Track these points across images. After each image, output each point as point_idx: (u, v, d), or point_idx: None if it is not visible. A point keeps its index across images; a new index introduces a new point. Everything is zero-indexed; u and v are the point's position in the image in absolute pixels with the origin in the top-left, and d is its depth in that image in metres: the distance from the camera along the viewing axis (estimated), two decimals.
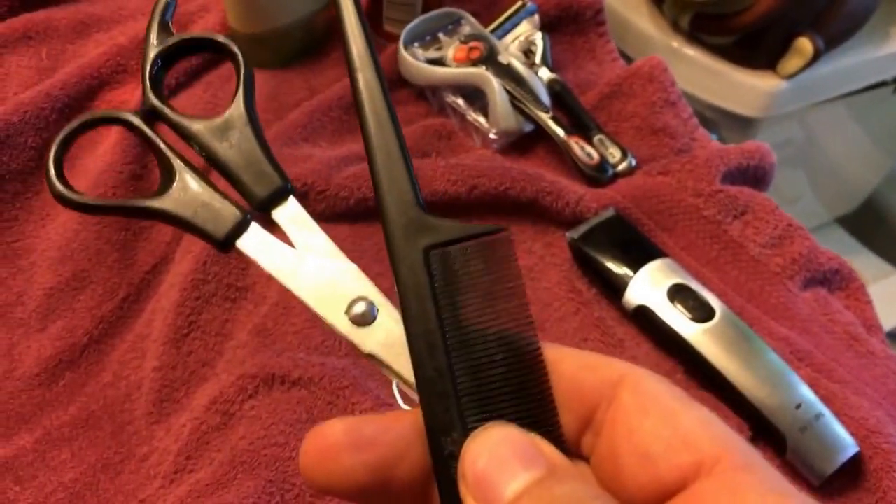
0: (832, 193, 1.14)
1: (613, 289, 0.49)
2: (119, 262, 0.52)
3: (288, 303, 0.48)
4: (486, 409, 0.20)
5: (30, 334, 0.50)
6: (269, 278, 0.52)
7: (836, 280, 0.51)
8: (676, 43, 0.92)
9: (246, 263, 0.51)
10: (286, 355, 0.45)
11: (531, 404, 0.20)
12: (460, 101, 0.59)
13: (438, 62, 0.60)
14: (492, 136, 0.57)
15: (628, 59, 0.65)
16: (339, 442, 0.20)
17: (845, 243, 1.13)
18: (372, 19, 0.64)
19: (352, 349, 0.22)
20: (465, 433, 0.19)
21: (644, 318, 0.47)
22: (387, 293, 0.22)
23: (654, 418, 0.19)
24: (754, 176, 0.55)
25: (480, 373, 0.20)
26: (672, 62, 0.59)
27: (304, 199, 0.52)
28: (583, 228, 0.51)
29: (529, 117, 0.57)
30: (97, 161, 0.55)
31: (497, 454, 0.18)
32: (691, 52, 0.91)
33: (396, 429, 0.20)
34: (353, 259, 0.22)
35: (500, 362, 0.20)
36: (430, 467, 0.20)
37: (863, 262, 0.53)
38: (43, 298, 0.50)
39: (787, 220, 0.52)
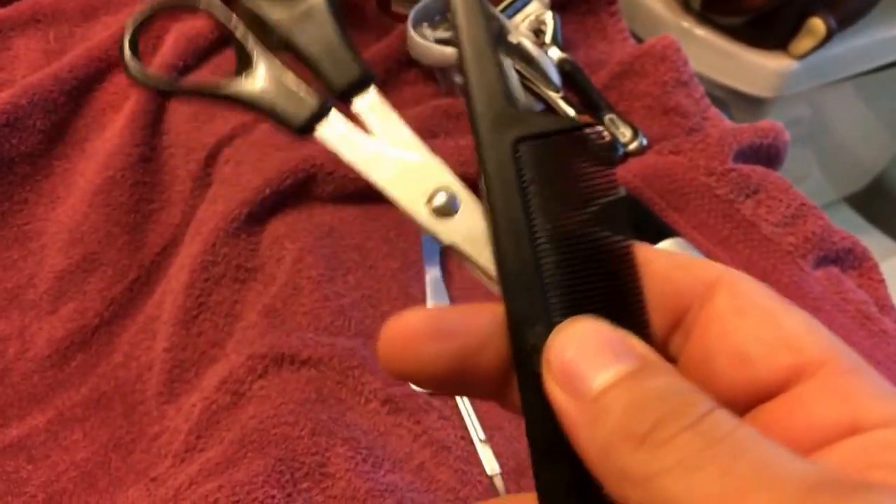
0: (840, 172, 1.13)
1: None
2: (129, 245, 0.52)
3: (297, 283, 0.48)
4: (573, 305, 0.19)
5: (41, 316, 0.50)
6: (279, 260, 0.52)
7: (849, 259, 0.51)
8: (687, 23, 0.91)
9: (255, 244, 0.51)
10: (295, 335, 0.45)
11: (620, 302, 0.19)
12: None
13: (448, 42, 0.59)
14: None
15: (639, 40, 0.64)
16: (420, 329, 0.19)
17: (853, 222, 1.13)
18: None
19: (392, 290, 0.21)
20: (550, 327, 0.18)
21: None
22: (472, 189, 0.21)
23: (753, 319, 0.18)
24: (767, 155, 0.55)
25: (567, 268, 0.19)
26: (683, 42, 0.59)
27: (312, 181, 0.52)
28: None
29: (539, 97, 0.57)
30: (105, 144, 0.55)
31: (585, 346, 0.18)
32: (702, 32, 0.90)
33: (478, 320, 0.19)
34: (362, 240, 0.22)
35: (589, 259, 0.19)
36: (510, 360, 0.19)
37: (870, 241, 0.52)
38: (54, 281, 0.51)
39: (800, 199, 0.51)
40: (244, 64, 0.23)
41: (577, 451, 0.17)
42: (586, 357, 0.17)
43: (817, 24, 0.84)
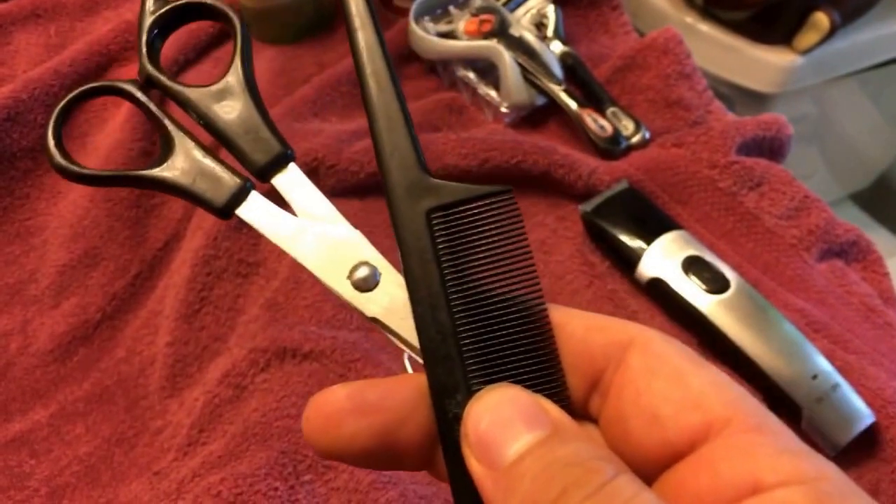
0: (845, 170, 1.13)
1: (626, 261, 0.48)
2: (131, 239, 0.52)
3: (299, 277, 0.48)
4: (491, 372, 0.19)
5: (43, 311, 0.50)
6: (281, 253, 0.52)
7: (853, 252, 0.51)
8: (690, 18, 0.91)
9: (256, 239, 0.50)
10: (297, 329, 0.45)
11: (537, 366, 0.19)
12: (471, 75, 0.58)
13: (449, 35, 0.59)
14: (503, 109, 0.57)
15: (642, 36, 0.64)
16: (342, 407, 0.19)
17: (858, 220, 1.12)
18: None
19: (356, 314, 0.22)
20: (470, 395, 0.19)
21: (658, 291, 0.47)
22: (391, 259, 0.22)
23: (663, 380, 0.18)
24: (770, 148, 0.54)
25: (485, 335, 0.20)
26: (686, 38, 0.59)
27: (314, 174, 0.52)
28: (596, 201, 0.51)
29: (542, 90, 0.56)
30: (106, 138, 0.55)
31: (500, 415, 0.18)
32: (705, 27, 0.90)
33: (400, 393, 0.20)
34: (364, 233, 0.22)
35: (505, 324, 0.20)
36: (434, 430, 0.20)
37: (876, 239, 0.52)
38: (56, 275, 0.51)
39: (803, 192, 0.51)
40: (166, 148, 0.23)
41: None
42: (501, 426, 0.18)
43: (821, 19, 0.83)
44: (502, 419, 0.18)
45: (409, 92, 0.60)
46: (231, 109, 0.23)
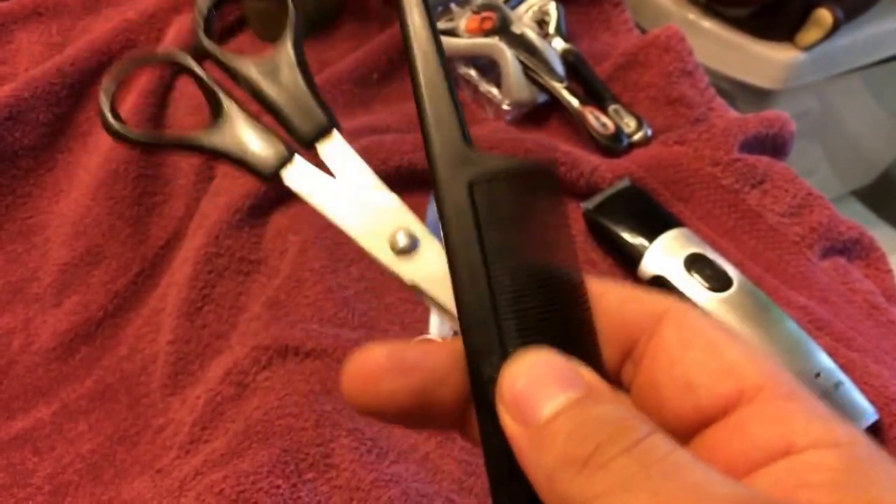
0: (848, 166, 1.12)
1: (629, 259, 0.48)
2: (132, 238, 0.52)
3: (300, 275, 0.48)
4: (527, 338, 0.20)
5: (45, 309, 0.50)
6: (283, 251, 0.52)
7: (856, 249, 0.51)
8: (693, 15, 0.91)
9: (258, 237, 0.50)
10: (299, 327, 0.45)
11: (572, 334, 0.20)
12: (473, 73, 0.58)
13: (450, 33, 0.59)
14: (505, 107, 0.57)
15: (643, 32, 0.64)
16: (381, 365, 0.20)
17: (861, 216, 1.12)
18: None
19: (395, 281, 0.22)
20: (505, 359, 0.19)
21: (660, 288, 0.47)
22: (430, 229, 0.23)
23: (697, 350, 0.19)
24: (773, 145, 0.54)
25: (522, 302, 0.20)
26: (688, 34, 0.59)
27: None
28: (597, 199, 0.50)
29: (543, 88, 0.56)
30: (109, 137, 0.55)
31: (535, 375, 0.19)
32: (708, 24, 0.90)
33: (437, 355, 0.20)
34: None
35: (542, 293, 0.20)
36: (468, 393, 0.20)
37: (878, 235, 0.52)
38: (58, 274, 0.51)
39: (806, 189, 0.51)
40: (216, 115, 0.25)
41: (529, 479, 0.18)
42: (536, 387, 0.18)
43: (824, 15, 0.83)
44: (537, 380, 0.18)
45: (410, 89, 0.59)
46: (282, 82, 0.24)
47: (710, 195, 0.52)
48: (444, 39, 0.58)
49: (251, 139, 0.24)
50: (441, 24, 0.60)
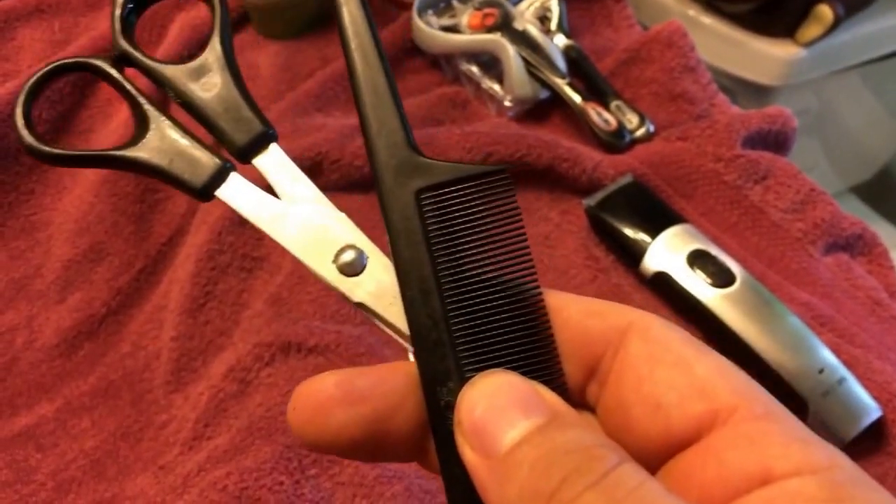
0: (847, 162, 1.12)
1: (631, 255, 0.48)
2: (135, 234, 0.52)
3: (303, 272, 0.48)
4: (484, 358, 0.19)
5: (49, 306, 0.50)
6: (284, 249, 0.52)
7: (859, 245, 0.51)
8: (693, 11, 0.91)
9: (260, 233, 0.50)
10: (302, 323, 0.45)
11: (532, 352, 0.19)
12: (475, 69, 0.58)
13: (453, 29, 0.59)
14: (507, 103, 0.57)
15: (645, 29, 0.64)
16: (330, 396, 0.19)
17: (860, 212, 1.12)
18: None
19: (343, 299, 0.21)
20: (462, 383, 0.18)
21: (663, 285, 0.47)
22: (380, 244, 0.21)
23: (666, 366, 0.18)
24: (775, 141, 0.54)
25: (478, 320, 0.19)
26: (689, 31, 0.58)
27: (317, 169, 0.52)
28: (600, 195, 0.50)
29: (545, 84, 0.56)
30: (111, 135, 0.55)
31: (495, 401, 0.17)
32: (708, 20, 0.90)
33: (390, 381, 0.19)
34: (368, 228, 0.21)
35: (499, 309, 0.19)
36: (426, 420, 0.19)
37: (878, 231, 0.52)
38: (61, 270, 0.51)
39: (809, 185, 0.51)
40: (141, 127, 0.22)
41: None
42: (496, 413, 0.17)
43: (824, 12, 0.83)
44: (497, 406, 0.17)
45: (412, 86, 0.60)
46: (210, 87, 0.22)
47: (713, 191, 0.52)
48: (446, 35, 0.58)
49: (181, 153, 0.22)
50: (443, 21, 0.60)
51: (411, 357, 0.20)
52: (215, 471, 0.40)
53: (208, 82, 0.22)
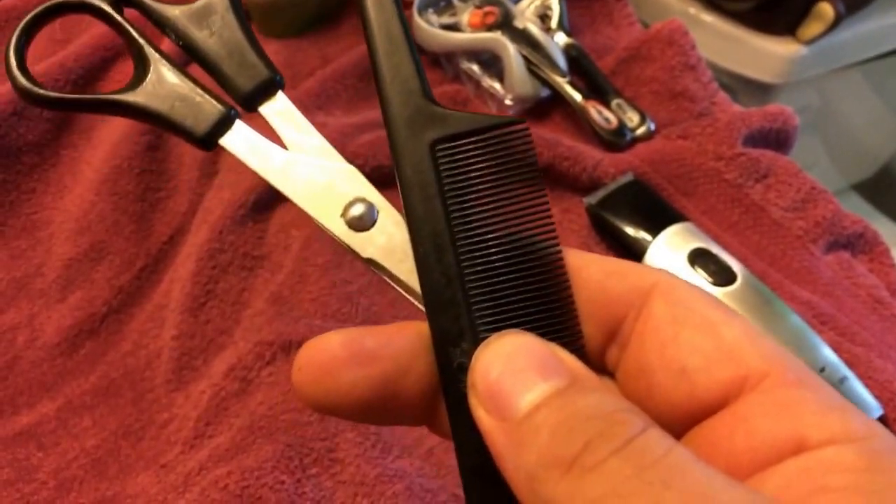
0: (848, 160, 1.12)
1: (632, 254, 0.48)
2: (136, 233, 0.52)
3: (304, 270, 0.48)
4: (500, 318, 0.18)
5: (50, 305, 0.50)
6: (285, 247, 0.52)
7: (860, 244, 0.51)
8: (694, 9, 0.90)
9: (262, 232, 0.50)
10: (303, 322, 0.45)
11: (550, 313, 0.18)
12: (475, 68, 0.58)
13: (453, 28, 0.59)
14: (508, 102, 0.57)
15: (646, 27, 0.64)
16: (337, 356, 0.18)
17: (861, 210, 1.12)
18: None
19: (352, 254, 0.20)
20: (476, 343, 0.17)
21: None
22: (389, 196, 0.20)
23: (691, 329, 0.17)
24: (776, 139, 0.54)
25: (494, 278, 0.18)
26: (689, 29, 0.58)
27: None
28: (601, 194, 0.50)
29: (546, 82, 0.56)
30: (113, 132, 0.55)
31: (512, 363, 0.16)
32: (709, 18, 0.90)
33: (400, 340, 0.18)
34: None
35: (516, 267, 0.18)
36: (436, 381, 0.18)
37: (879, 229, 0.52)
38: (62, 269, 0.51)
39: (810, 184, 0.51)
40: (140, 71, 0.21)
41: (506, 478, 0.16)
42: (513, 376, 0.16)
43: (825, 9, 0.83)
44: (514, 368, 0.16)
45: None
46: (214, 30, 0.21)
47: (714, 189, 0.52)
48: (446, 34, 0.58)
49: (182, 98, 0.21)
50: (444, 19, 0.60)
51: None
52: (216, 469, 0.40)
53: (213, 25, 0.21)
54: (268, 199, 0.51)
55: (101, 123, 0.56)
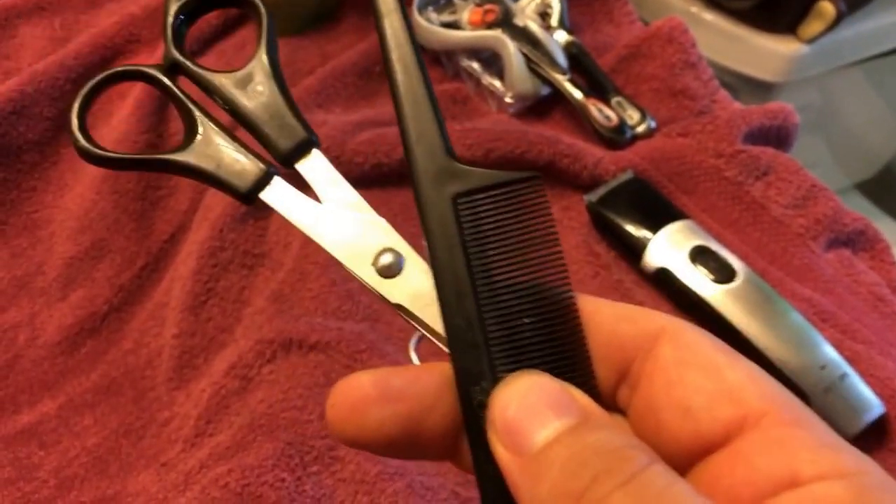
0: (850, 159, 1.12)
1: (632, 251, 0.48)
2: (137, 232, 0.52)
3: (304, 268, 0.48)
4: (517, 360, 0.19)
5: (51, 303, 0.50)
6: (286, 244, 0.52)
7: (861, 241, 0.50)
8: (695, 7, 0.90)
9: (262, 230, 0.50)
10: (303, 320, 0.45)
11: (564, 355, 0.19)
12: (475, 66, 0.58)
13: (453, 26, 0.59)
14: (508, 100, 0.57)
15: (646, 24, 0.64)
16: (367, 394, 0.19)
17: (863, 209, 1.12)
18: None
19: (377, 301, 0.21)
20: (496, 383, 0.19)
21: (664, 281, 0.47)
22: (414, 245, 0.22)
23: (696, 371, 0.18)
24: (777, 137, 0.54)
25: (511, 322, 0.19)
26: (690, 27, 0.58)
27: None
28: (601, 191, 0.50)
29: (546, 80, 0.56)
30: (112, 132, 0.55)
31: (528, 401, 0.18)
32: (709, 16, 0.90)
33: (425, 380, 0.20)
34: None
35: (533, 312, 0.20)
36: (459, 419, 0.19)
37: (881, 228, 0.52)
38: (63, 268, 0.51)
39: (810, 181, 0.51)
40: (190, 133, 0.23)
41: None
42: (529, 413, 0.18)
43: (826, 7, 0.83)
44: (530, 406, 0.18)
45: None
46: (257, 95, 0.23)
47: (714, 187, 0.52)
48: (447, 32, 0.58)
49: (227, 157, 0.23)
50: (444, 17, 0.60)
51: (413, 355, 0.20)
52: (217, 468, 0.40)
53: (255, 90, 0.23)
54: None
55: (102, 122, 0.56)
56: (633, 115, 0.56)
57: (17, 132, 0.54)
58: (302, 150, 0.23)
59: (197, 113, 0.23)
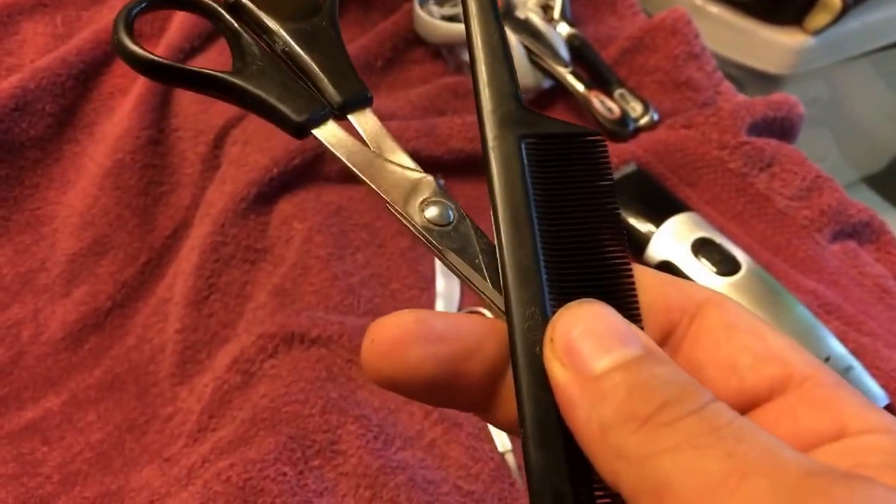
0: (859, 152, 1.11)
1: (635, 244, 0.48)
2: (139, 228, 0.52)
3: (306, 263, 0.48)
4: (572, 298, 0.19)
5: (54, 300, 0.50)
6: (288, 240, 0.51)
7: (866, 233, 0.50)
8: (700, 0, 0.90)
9: (264, 225, 0.50)
10: (305, 314, 0.45)
11: (619, 303, 0.19)
12: None
13: (454, 19, 0.59)
14: None
15: (649, 16, 0.63)
16: (410, 331, 0.19)
17: (873, 203, 1.11)
18: None
19: (428, 246, 0.21)
20: (548, 319, 0.19)
21: (667, 273, 0.46)
22: (464, 207, 0.22)
23: (742, 334, 0.19)
24: (781, 128, 0.54)
25: (568, 266, 0.19)
26: (696, 19, 0.58)
27: (320, 159, 0.52)
28: None
29: (548, 73, 0.56)
30: (114, 127, 0.55)
31: (593, 326, 0.18)
32: (714, 8, 0.89)
33: (468, 326, 0.20)
34: (370, 219, 0.22)
35: (588, 260, 0.20)
36: (498, 368, 0.19)
37: (890, 221, 0.51)
38: (66, 264, 0.51)
39: (815, 172, 0.50)
40: (242, 61, 0.23)
41: (572, 429, 0.17)
42: (592, 338, 0.18)
43: None
44: (595, 331, 0.18)
45: (414, 77, 0.59)
46: (319, 45, 0.23)
47: (718, 179, 0.51)
48: (448, 25, 0.58)
49: (284, 88, 0.22)
50: (445, 10, 0.60)
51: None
52: (219, 462, 0.40)
53: (316, 41, 0.23)
54: (270, 192, 0.51)
55: (104, 118, 0.56)
56: (635, 108, 0.55)
57: (19, 129, 0.54)
58: (359, 103, 0.23)
59: (253, 47, 0.23)
